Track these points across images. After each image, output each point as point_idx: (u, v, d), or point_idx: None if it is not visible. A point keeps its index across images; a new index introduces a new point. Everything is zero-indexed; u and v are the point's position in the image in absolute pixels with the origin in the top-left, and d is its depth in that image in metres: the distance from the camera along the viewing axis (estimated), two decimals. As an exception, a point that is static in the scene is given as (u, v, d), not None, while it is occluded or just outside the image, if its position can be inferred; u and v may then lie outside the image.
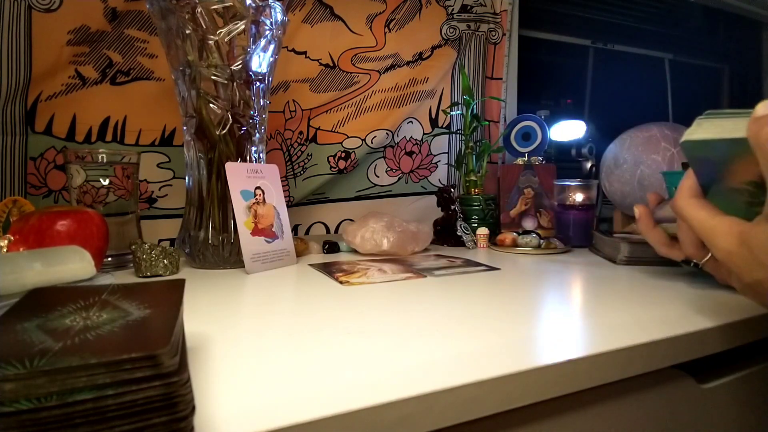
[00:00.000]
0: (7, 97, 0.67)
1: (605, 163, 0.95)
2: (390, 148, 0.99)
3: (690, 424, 0.41)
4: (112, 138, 0.76)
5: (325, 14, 0.91)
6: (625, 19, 1.38)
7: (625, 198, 0.91)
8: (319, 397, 0.25)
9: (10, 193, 0.68)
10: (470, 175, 0.91)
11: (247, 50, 0.61)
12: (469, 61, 1.05)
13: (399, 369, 0.29)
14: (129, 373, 0.18)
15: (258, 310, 0.45)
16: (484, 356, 0.31)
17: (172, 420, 0.19)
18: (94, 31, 0.72)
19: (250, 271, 0.59)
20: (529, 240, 0.77)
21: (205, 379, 0.27)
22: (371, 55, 0.95)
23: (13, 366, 0.17)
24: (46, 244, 0.48)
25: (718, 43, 1.59)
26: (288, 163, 0.90)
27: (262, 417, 0.23)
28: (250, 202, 0.61)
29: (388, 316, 0.41)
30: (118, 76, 0.75)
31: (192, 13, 0.58)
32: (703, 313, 0.41)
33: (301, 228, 0.93)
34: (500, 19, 1.06)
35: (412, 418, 0.25)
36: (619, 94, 1.40)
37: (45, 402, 0.17)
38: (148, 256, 0.57)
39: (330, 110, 0.93)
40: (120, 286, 0.29)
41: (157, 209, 0.79)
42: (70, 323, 0.22)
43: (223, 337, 0.35)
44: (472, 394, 0.27)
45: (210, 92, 0.61)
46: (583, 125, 1.03)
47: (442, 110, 1.03)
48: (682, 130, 0.90)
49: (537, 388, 0.29)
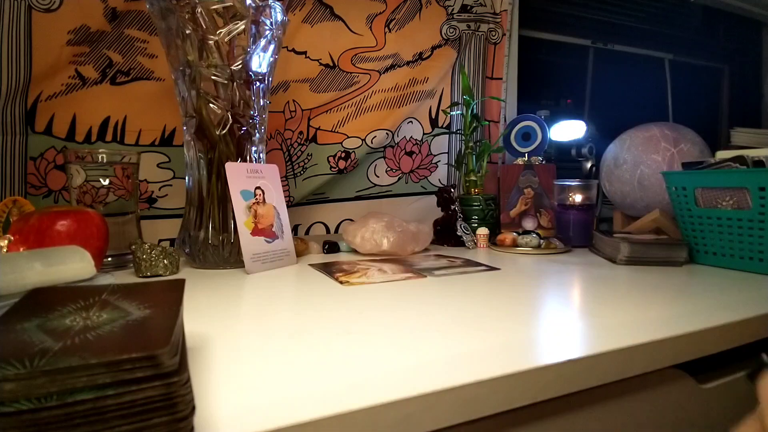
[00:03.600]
0: (7, 97, 0.67)
1: (605, 163, 0.95)
2: (390, 148, 0.99)
3: (690, 424, 0.41)
4: (112, 138, 0.76)
5: (325, 14, 0.91)
6: (625, 19, 1.38)
7: (625, 198, 0.91)
8: (319, 397, 0.25)
9: (10, 193, 0.68)
10: (470, 175, 0.91)
11: (247, 50, 0.61)
12: (469, 61, 1.05)
13: (399, 369, 0.29)
14: (129, 373, 0.18)
15: (258, 310, 0.45)
16: (484, 356, 0.31)
17: (172, 420, 0.19)
18: (94, 31, 0.72)
19: (250, 271, 0.59)
20: (529, 240, 0.77)
21: (205, 379, 0.27)
22: (371, 55, 0.95)
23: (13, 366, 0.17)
24: (46, 244, 0.48)
25: (718, 43, 1.58)
26: (288, 163, 0.90)
27: (262, 417, 0.23)
28: (250, 202, 0.61)
29: (388, 316, 0.41)
30: (118, 76, 0.75)
31: (192, 13, 0.58)
32: (703, 313, 0.41)
33: (301, 228, 0.93)
34: (500, 19, 1.06)
35: (412, 418, 0.25)
36: (619, 94, 1.40)
37: (45, 402, 0.17)
38: (148, 256, 0.57)
39: (330, 110, 0.93)
40: (120, 286, 0.29)
41: (157, 209, 0.79)
42: (70, 323, 0.22)
43: (223, 337, 0.35)
44: (472, 394, 0.27)
45: (210, 92, 0.61)
46: (583, 125, 1.03)
47: (442, 110, 1.03)
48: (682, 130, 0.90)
49: (537, 388, 0.29)
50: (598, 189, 0.90)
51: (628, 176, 0.89)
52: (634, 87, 1.44)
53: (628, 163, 0.89)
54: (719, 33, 1.59)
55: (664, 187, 0.75)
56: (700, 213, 0.66)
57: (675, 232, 0.78)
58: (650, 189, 0.86)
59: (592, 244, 0.79)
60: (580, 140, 1.03)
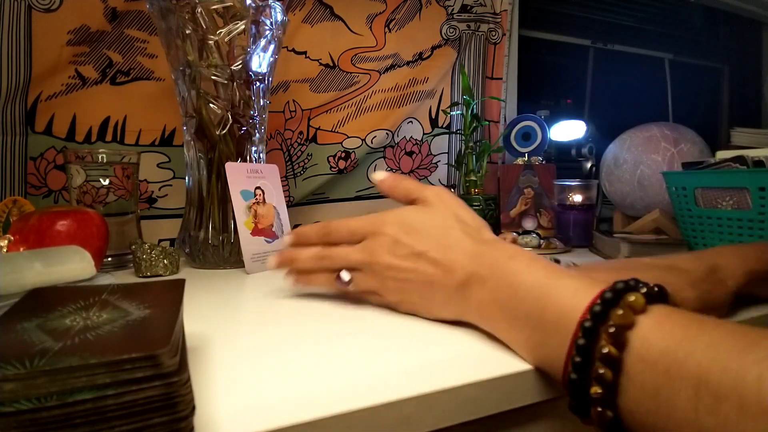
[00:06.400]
0: (7, 97, 0.67)
1: (605, 163, 0.95)
2: (390, 148, 0.99)
3: None
4: (112, 138, 0.76)
5: (325, 14, 0.91)
6: (625, 19, 1.38)
7: (625, 198, 0.91)
8: (319, 397, 0.25)
9: (10, 193, 0.68)
10: (470, 175, 0.91)
11: (247, 50, 0.61)
12: (469, 61, 1.05)
13: (399, 369, 0.29)
14: (129, 373, 0.18)
15: (258, 310, 0.45)
16: (484, 356, 0.31)
17: (173, 420, 0.19)
18: (94, 31, 0.72)
19: (250, 271, 0.59)
20: (529, 240, 0.77)
21: (205, 379, 0.27)
22: (371, 55, 0.95)
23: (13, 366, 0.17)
24: (46, 244, 0.48)
25: (718, 43, 1.58)
26: (288, 163, 0.90)
27: (262, 417, 0.23)
28: (250, 202, 0.61)
29: (388, 315, 0.40)
30: (118, 76, 0.75)
31: (192, 13, 0.58)
32: (703, 313, 0.41)
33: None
34: (500, 19, 1.06)
35: (412, 418, 0.25)
36: (619, 94, 1.40)
37: (45, 402, 0.17)
38: (148, 256, 0.57)
39: (330, 110, 0.93)
40: (120, 286, 0.29)
41: (157, 209, 0.79)
42: (70, 323, 0.22)
43: (223, 337, 0.35)
44: (472, 394, 0.27)
45: (210, 92, 0.61)
46: (583, 125, 1.03)
47: (442, 110, 1.03)
48: (682, 130, 0.90)
49: (537, 389, 0.29)
50: (598, 189, 0.90)
51: (628, 176, 0.89)
52: (634, 87, 1.44)
53: (628, 163, 0.89)
54: (719, 33, 1.59)
55: (664, 187, 0.75)
56: (700, 213, 0.66)
57: (675, 232, 0.78)
58: (650, 189, 0.86)
59: (592, 244, 0.79)
60: (580, 140, 1.03)
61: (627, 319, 0.24)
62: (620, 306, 0.25)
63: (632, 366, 0.23)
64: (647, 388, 0.22)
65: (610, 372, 0.23)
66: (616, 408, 0.24)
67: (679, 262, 0.40)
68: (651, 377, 0.22)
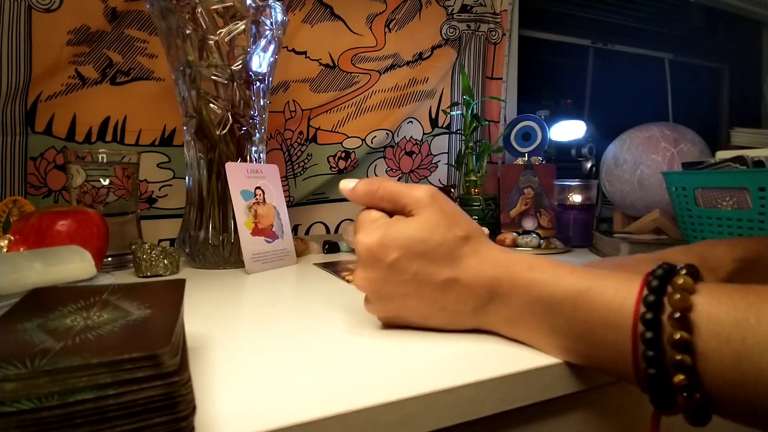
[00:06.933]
0: (7, 97, 0.67)
1: (605, 163, 0.95)
2: (390, 148, 0.99)
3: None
4: (112, 138, 0.76)
5: (325, 14, 0.91)
6: (625, 19, 1.38)
7: (625, 198, 0.91)
8: (319, 397, 0.25)
9: (10, 193, 0.68)
10: (470, 175, 0.91)
11: (247, 50, 0.61)
12: (469, 61, 1.05)
13: (399, 369, 0.29)
14: (130, 372, 0.18)
15: (258, 310, 0.45)
16: (484, 356, 0.31)
17: (173, 420, 0.19)
18: (94, 31, 0.72)
19: (250, 271, 0.59)
20: (529, 240, 0.77)
21: (206, 379, 0.27)
22: (371, 55, 0.95)
23: (14, 366, 0.17)
24: (46, 244, 0.48)
25: (718, 43, 1.59)
26: (288, 163, 0.90)
27: (262, 417, 0.23)
28: (250, 202, 0.61)
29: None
30: (118, 76, 0.75)
31: (192, 13, 0.58)
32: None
33: (301, 228, 0.93)
34: (500, 19, 1.06)
35: (412, 418, 0.25)
36: (619, 94, 1.40)
37: (46, 402, 0.17)
38: (148, 256, 0.57)
39: (330, 110, 0.93)
40: (120, 286, 0.29)
41: (157, 209, 0.79)
42: (70, 323, 0.22)
43: (223, 337, 0.35)
44: (472, 394, 0.27)
45: (210, 92, 0.61)
46: (583, 125, 1.03)
47: (442, 110, 1.03)
48: (682, 130, 0.90)
49: (537, 388, 0.30)
50: (598, 189, 0.90)
51: (628, 176, 0.89)
52: (634, 87, 1.44)
53: (628, 163, 0.89)
54: (719, 33, 1.59)
55: (664, 187, 0.75)
56: (700, 213, 0.66)
57: (675, 232, 0.78)
58: (650, 189, 0.86)
59: (592, 244, 0.79)
60: (580, 140, 1.03)
61: (686, 302, 0.24)
62: (674, 291, 0.25)
63: (706, 344, 0.23)
64: (728, 362, 0.23)
65: (689, 357, 0.23)
66: (702, 389, 0.24)
67: (669, 255, 0.40)
68: (729, 351, 0.23)
